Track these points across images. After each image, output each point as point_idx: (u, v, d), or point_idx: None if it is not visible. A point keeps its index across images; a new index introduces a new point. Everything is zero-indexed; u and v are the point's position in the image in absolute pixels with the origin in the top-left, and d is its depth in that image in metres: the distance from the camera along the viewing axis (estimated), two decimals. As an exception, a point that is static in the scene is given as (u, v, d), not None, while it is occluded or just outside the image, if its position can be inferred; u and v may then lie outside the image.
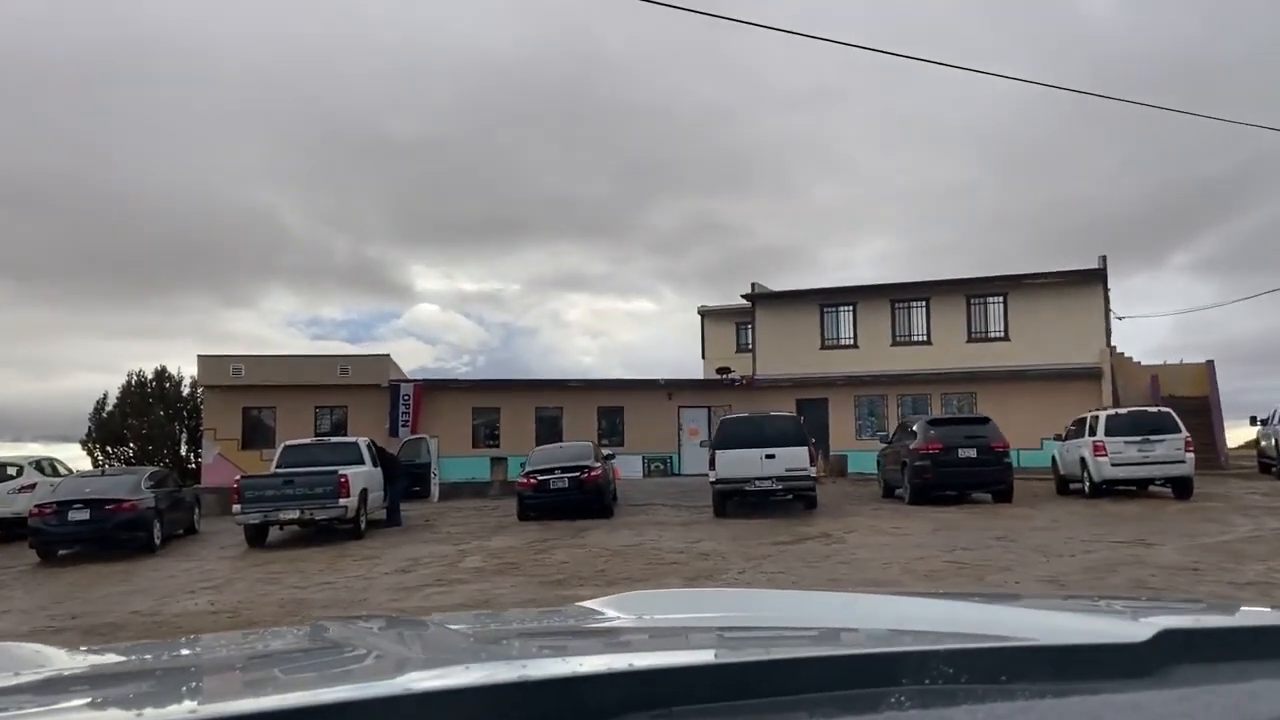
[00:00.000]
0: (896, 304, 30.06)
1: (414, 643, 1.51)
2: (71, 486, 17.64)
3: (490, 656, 1.31)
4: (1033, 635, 1.28)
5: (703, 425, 31.49)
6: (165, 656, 1.71)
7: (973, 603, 1.89)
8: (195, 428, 38.09)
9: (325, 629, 1.73)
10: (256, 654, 1.70)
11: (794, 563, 12.34)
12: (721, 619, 1.84)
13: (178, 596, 12.49)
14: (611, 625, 1.78)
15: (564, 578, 12.33)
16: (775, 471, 17.69)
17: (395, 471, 20.15)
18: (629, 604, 1.92)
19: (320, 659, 1.52)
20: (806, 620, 1.75)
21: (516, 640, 1.71)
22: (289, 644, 1.82)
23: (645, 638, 1.74)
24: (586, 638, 1.75)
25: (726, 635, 1.69)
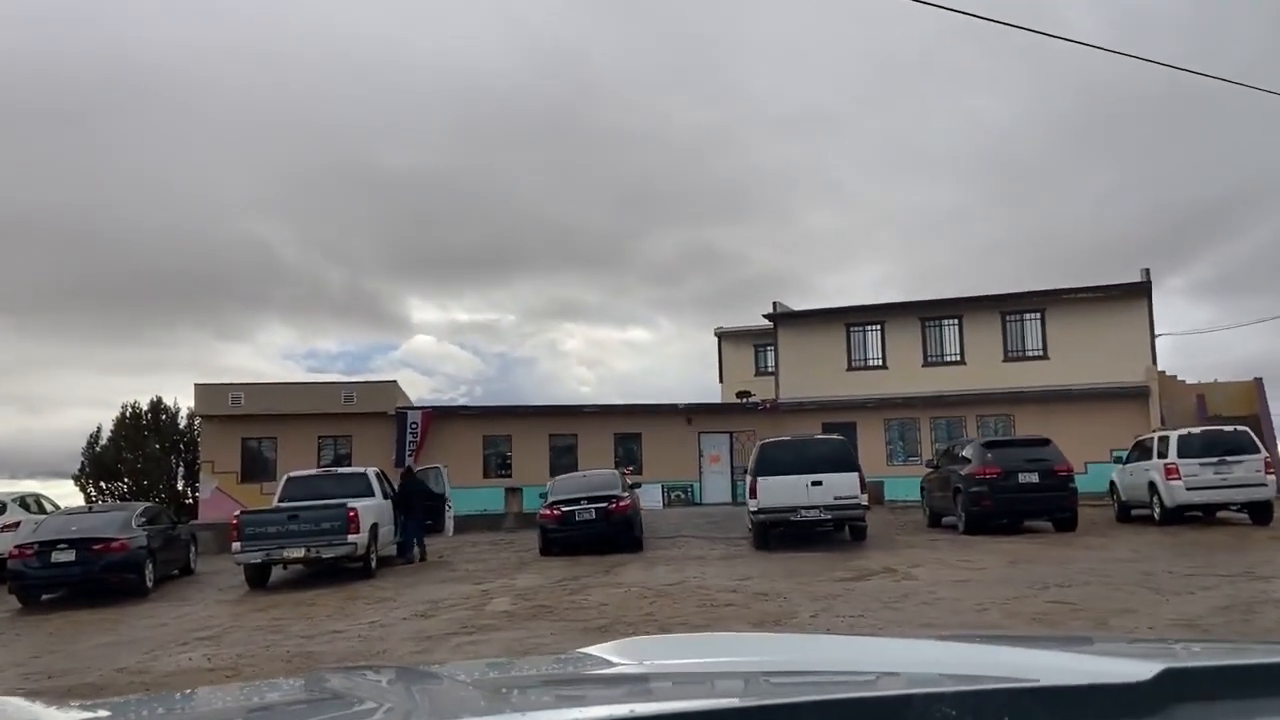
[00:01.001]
0: (927, 322, 28.71)
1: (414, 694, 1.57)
2: (56, 525, 16.14)
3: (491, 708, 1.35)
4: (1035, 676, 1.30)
5: (724, 452, 30.10)
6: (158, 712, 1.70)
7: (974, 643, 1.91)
8: (192, 461, 36.65)
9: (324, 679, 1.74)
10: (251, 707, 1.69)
11: (870, 604, 10.88)
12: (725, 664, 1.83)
13: (170, 649, 11.02)
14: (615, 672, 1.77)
15: (607, 623, 10.87)
16: (823, 500, 16.26)
17: (420, 502, 18.67)
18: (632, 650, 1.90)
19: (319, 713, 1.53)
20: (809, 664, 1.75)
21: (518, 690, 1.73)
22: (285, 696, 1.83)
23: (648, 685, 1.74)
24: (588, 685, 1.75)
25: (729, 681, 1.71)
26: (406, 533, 18.31)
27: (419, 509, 18.48)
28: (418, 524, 18.35)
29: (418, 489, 18.75)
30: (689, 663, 1.86)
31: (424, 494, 18.81)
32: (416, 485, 18.82)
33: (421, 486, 18.90)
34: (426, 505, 18.74)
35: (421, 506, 18.54)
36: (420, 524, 18.44)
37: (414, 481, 18.91)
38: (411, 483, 18.80)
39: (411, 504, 18.37)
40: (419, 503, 18.50)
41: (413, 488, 18.66)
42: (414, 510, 18.36)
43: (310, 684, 1.77)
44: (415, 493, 18.57)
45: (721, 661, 1.86)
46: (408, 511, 18.34)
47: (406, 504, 18.35)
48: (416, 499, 18.48)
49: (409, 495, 18.47)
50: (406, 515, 18.33)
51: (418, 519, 18.39)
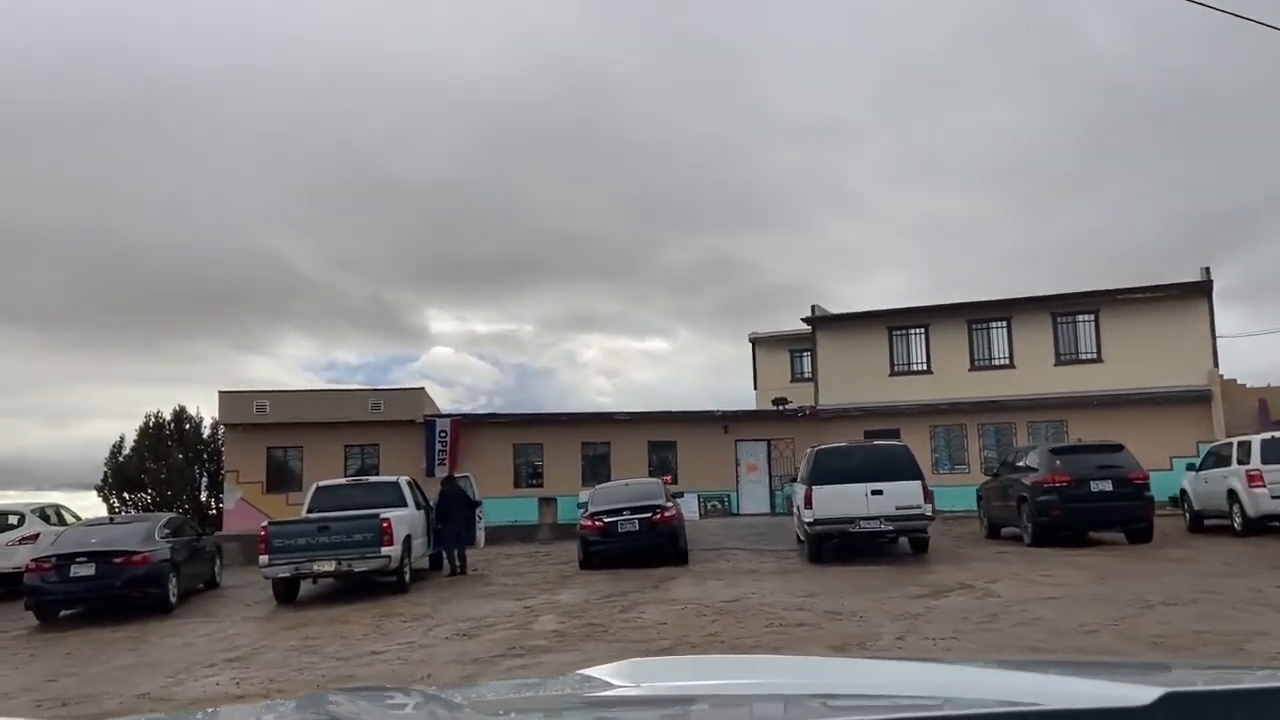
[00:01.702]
0: (974, 325, 27.64)
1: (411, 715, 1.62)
2: (75, 537, 15.36)
3: None
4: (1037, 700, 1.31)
5: (762, 460, 29.12)
6: None
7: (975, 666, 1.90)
8: (215, 471, 35.99)
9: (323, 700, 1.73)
10: None
11: (959, 624, 9.90)
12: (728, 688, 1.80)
13: (195, 671, 10.17)
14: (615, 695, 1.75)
15: (669, 644, 9.96)
16: (884, 510, 15.27)
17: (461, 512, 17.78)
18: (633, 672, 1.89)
19: None
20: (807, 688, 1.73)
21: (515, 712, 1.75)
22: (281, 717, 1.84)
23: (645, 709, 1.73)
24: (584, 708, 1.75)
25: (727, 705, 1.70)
26: (445, 544, 17.44)
27: (460, 519, 17.59)
28: (456, 535, 17.46)
29: (459, 497, 17.85)
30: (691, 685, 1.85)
31: (465, 503, 17.92)
32: (457, 493, 17.91)
33: (463, 495, 17.99)
34: (466, 515, 17.83)
35: (462, 516, 17.65)
36: (459, 535, 17.55)
37: (454, 489, 18.01)
38: (452, 490, 17.90)
39: (452, 513, 17.49)
40: (460, 512, 17.61)
41: (453, 496, 17.76)
42: (454, 520, 17.48)
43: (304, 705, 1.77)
44: (456, 501, 17.68)
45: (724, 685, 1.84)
46: (447, 521, 17.46)
47: (447, 513, 17.47)
48: (457, 508, 17.59)
49: (450, 504, 17.58)
50: (445, 525, 17.45)
51: (456, 529, 17.50)
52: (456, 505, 17.56)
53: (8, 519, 18.28)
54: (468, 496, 18.14)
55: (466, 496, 18.08)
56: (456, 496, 17.74)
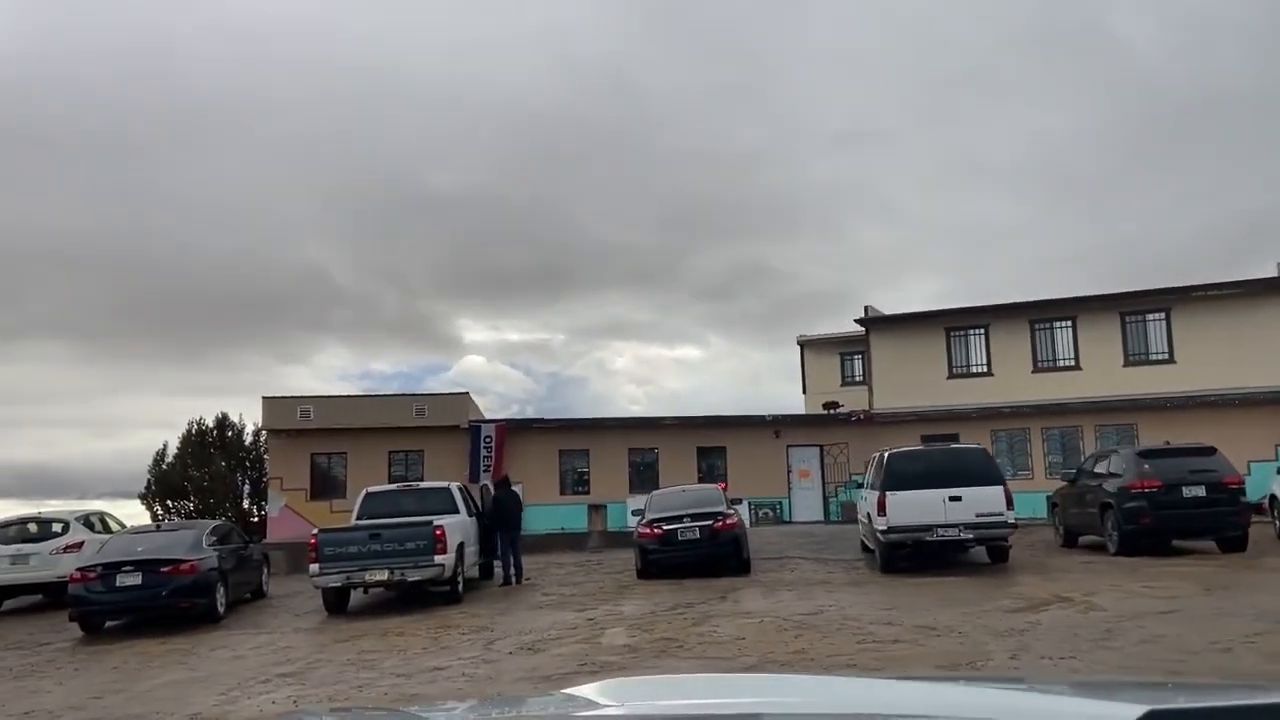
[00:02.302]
0: (1037, 325, 26.60)
1: None
2: (121, 545, 14.88)
3: None
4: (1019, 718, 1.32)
5: (814, 466, 28.24)
6: None
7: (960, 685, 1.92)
8: (258, 479, 35.73)
9: None
10: None
11: (1075, 642, 9.07)
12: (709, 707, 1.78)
13: (250, 688, 9.58)
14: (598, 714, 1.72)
15: (753, 660, 9.23)
16: (963, 517, 14.42)
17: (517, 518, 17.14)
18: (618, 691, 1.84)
19: None
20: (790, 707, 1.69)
21: None
22: None
23: None
24: None
25: None
26: (501, 552, 16.81)
27: (516, 525, 16.95)
28: (513, 542, 16.81)
29: (514, 502, 17.21)
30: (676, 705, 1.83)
31: (520, 507, 17.27)
32: (512, 498, 17.26)
33: (517, 499, 17.32)
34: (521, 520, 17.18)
35: (518, 521, 17.00)
36: (516, 542, 16.90)
37: (509, 493, 17.36)
38: (506, 495, 17.26)
39: (508, 519, 16.86)
40: (516, 518, 16.96)
41: (508, 501, 17.12)
42: (510, 526, 16.84)
43: None
44: (510, 506, 17.04)
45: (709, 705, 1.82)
46: (502, 528, 16.83)
47: (503, 519, 16.84)
48: (512, 513, 16.95)
49: (505, 509, 16.95)
50: (500, 531, 16.82)
51: (514, 536, 16.85)
52: (511, 510, 16.91)
53: (51, 527, 17.89)
54: (521, 501, 17.46)
55: (520, 502, 17.41)
56: (511, 501, 17.09)
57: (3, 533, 17.52)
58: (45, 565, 16.83)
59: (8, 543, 17.24)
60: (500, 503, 16.99)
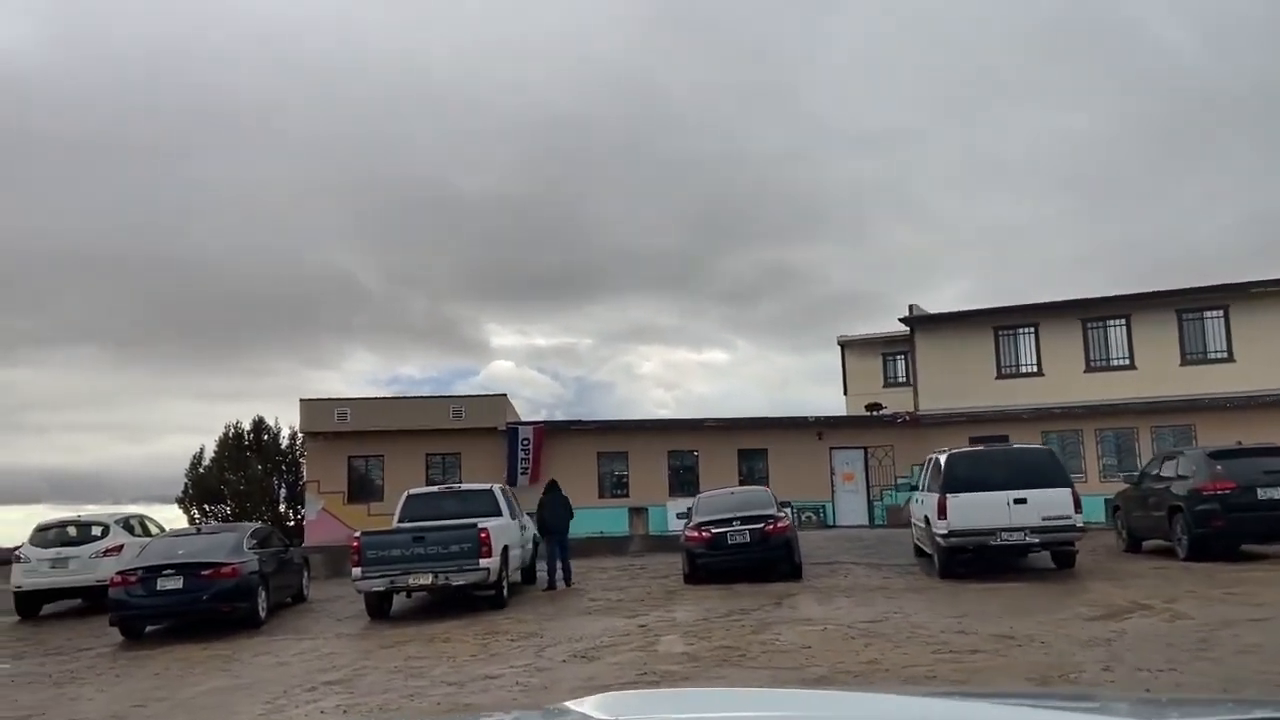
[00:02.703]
0: (1089, 324, 25.85)
1: None
2: (162, 548, 14.62)
3: None
4: None
5: (859, 469, 27.63)
6: None
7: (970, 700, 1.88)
8: (294, 482, 35.63)
9: None
10: None
11: (1166, 651, 8.50)
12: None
13: (296, 696, 9.22)
14: None
15: (823, 671, 8.72)
16: (1028, 521, 13.82)
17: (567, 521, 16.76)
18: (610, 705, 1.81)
19: None
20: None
21: None
22: None
23: None
24: None
25: None
26: (547, 555, 16.43)
27: (563, 528, 16.56)
28: (561, 546, 16.42)
29: (562, 506, 16.83)
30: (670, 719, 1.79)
31: (569, 511, 16.88)
32: (560, 501, 16.88)
33: (565, 502, 16.94)
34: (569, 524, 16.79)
35: (566, 525, 16.61)
36: (565, 545, 16.50)
37: (558, 496, 16.98)
38: (556, 498, 16.88)
39: (559, 522, 16.49)
40: (564, 522, 16.58)
41: (555, 504, 16.75)
42: (560, 530, 16.46)
43: None
44: (559, 509, 16.67)
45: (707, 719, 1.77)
46: (549, 530, 16.46)
47: (555, 522, 16.46)
48: (561, 517, 16.57)
49: (556, 512, 16.59)
50: (548, 535, 16.45)
51: (563, 540, 16.45)
52: (558, 514, 16.53)
53: (91, 530, 17.71)
54: (568, 502, 17.06)
55: (569, 504, 17.00)
56: (558, 504, 16.70)
57: (42, 536, 17.35)
58: (85, 569, 16.62)
59: (47, 546, 17.07)
60: (547, 506, 16.60)
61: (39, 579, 16.69)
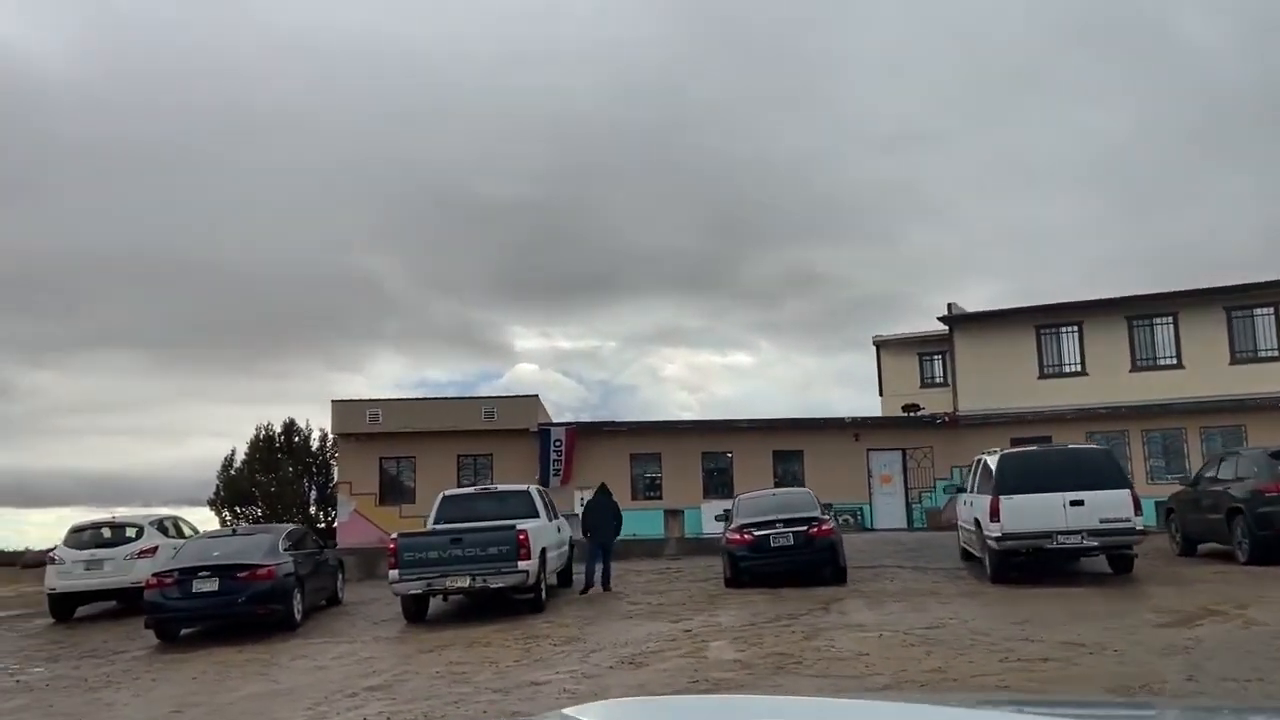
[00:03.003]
0: (1135, 322, 25.23)
1: None
2: (197, 550, 14.43)
3: None
4: None
5: (896, 471, 27.12)
6: None
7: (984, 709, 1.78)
8: (325, 484, 35.54)
9: None
10: None
11: (1250, 659, 8.06)
12: None
13: (336, 702, 8.94)
14: None
15: (886, 680, 8.34)
16: (1086, 523, 13.33)
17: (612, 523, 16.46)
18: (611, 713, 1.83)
19: None
20: None
21: None
22: None
23: None
24: None
25: None
26: (590, 557, 16.15)
27: (611, 532, 16.26)
28: (604, 549, 16.11)
29: (612, 509, 16.55)
30: None
31: (614, 514, 16.57)
32: (604, 505, 16.59)
33: (611, 507, 16.66)
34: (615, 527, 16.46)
35: (610, 528, 16.30)
36: (607, 549, 16.18)
37: (603, 498, 16.69)
38: (604, 501, 16.59)
39: (606, 525, 16.18)
40: (606, 525, 16.27)
41: (605, 507, 16.47)
42: (605, 532, 16.16)
43: None
44: (604, 512, 16.39)
45: None
46: (593, 533, 16.17)
47: (601, 525, 16.17)
48: (605, 520, 16.27)
49: (603, 515, 16.32)
50: (595, 537, 16.16)
51: (606, 544, 16.14)
52: (605, 516, 16.22)
53: (125, 531, 17.57)
54: (617, 508, 16.75)
55: (615, 508, 16.70)
56: (606, 508, 16.41)
57: (76, 538, 17.23)
58: (120, 571, 16.48)
59: (81, 548, 16.94)
60: (594, 508, 16.36)
61: (73, 581, 16.56)
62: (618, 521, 16.39)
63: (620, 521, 16.50)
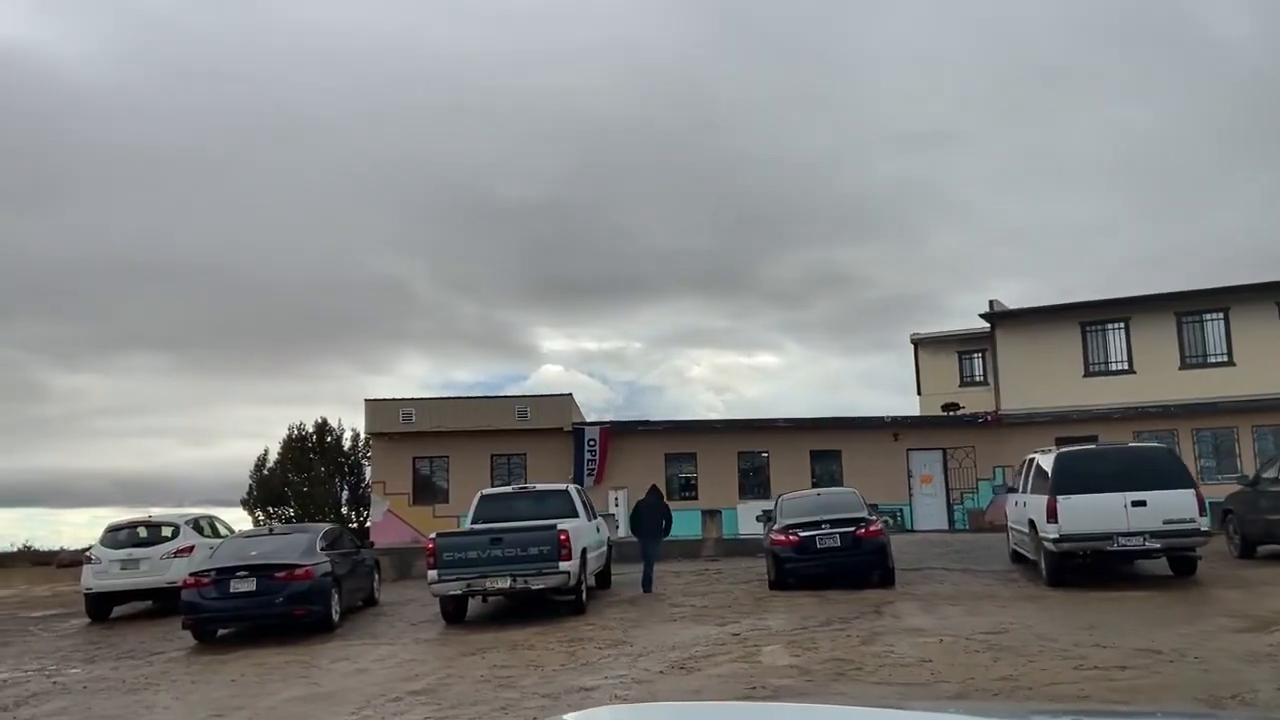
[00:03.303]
0: (1184, 318, 24.56)
1: None
2: (234, 549, 14.23)
3: None
4: None
5: (937, 471, 26.58)
6: None
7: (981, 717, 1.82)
8: (356, 484, 35.47)
9: None
10: None
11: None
12: None
13: (381, 707, 8.65)
14: None
15: (956, 688, 7.94)
16: (1148, 524, 12.83)
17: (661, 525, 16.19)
18: None
19: None
20: None
21: None
22: None
23: None
24: None
25: None
26: (648, 559, 15.90)
27: (657, 534, 15.98)
28: (649, 551, 15.81)
29: (661, 512, 16.29)
30: None
31: (662, 516, 16.32)
32: (661, 508, 16.34)
33: (667, 511, 16.43)
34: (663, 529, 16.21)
35: (658, 530, 16.03)
36: (652, 552, 15.88)
37: (658, 503, 16.44)
38: (654, 503, 16.32)
39: (657, 526, 15.93)
40: (658, 527, 16.00)
41: (655, 509, 16.20)
42: (657, 533, 15.89)
43: None
44: (651, 514, 16.13)
45: None
46: (649, 536, 15.93)
47: (653, 527, 15.92)
48: (657, 523, 16.02)
49: (652, 517, 16.05)
50: (647, 540, 15.90)
51: (650, 546, 15.85)
52: (654, 518, 15.96)
53: (161, 531, 17.43)
54: (668, 509, 16.51)
55: (666, 509, 16.45)
56: (656, 510, 16.16)
57: (112, 537, 17.12)
58: (156, 570, 16.33)
59: (117, 547, 16.82)
60: (644, 510, 16.15)
61: (109, 580, 16.43)
62: (668, 523, 16.10)
63: (670, 523, 16.22)
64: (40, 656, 13.19)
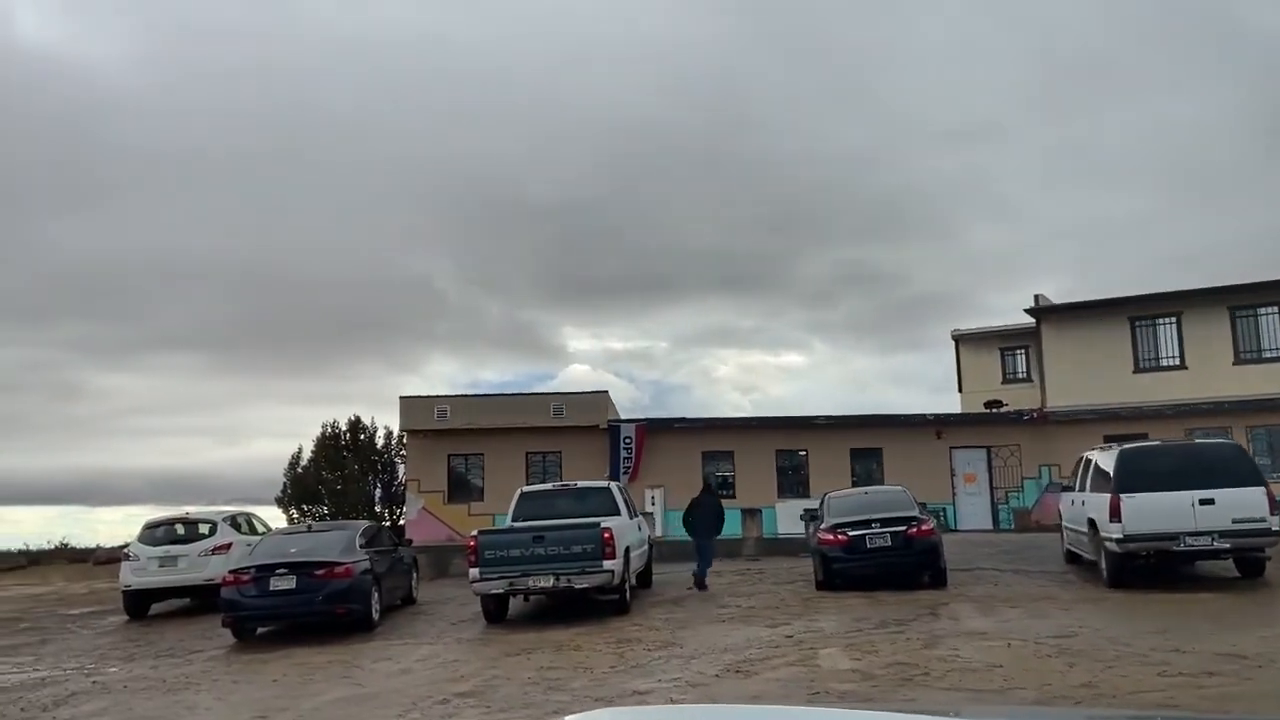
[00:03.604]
0: (1238, 312, 23.84)
1: None
2: (273, 546, 14.02)
3: None
4: None
5: (981, 470, 26.01)
6: None
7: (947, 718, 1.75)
8: (390, 482, 35.36)
9: None
10: None
11: None
12: None
13: (428, 709, 8.37)
14: None
15: (1033, 694, 7.55)
16: (1217, 523, 12.31)
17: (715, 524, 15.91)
18: None
19: None
20: None
21: None
22: None
23: None
24: None
25: None
26: (704, 558, 15.61)
27: (709, 532, 15.68)
28: (701, 549, 15.51)
29: (713, 510, 16.01)
30: None
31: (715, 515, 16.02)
32: (712, 506, 16.06)
33: (719, 509, 16.14)
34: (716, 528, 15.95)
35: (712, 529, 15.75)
36: (702, 549, 15.57)
37: (706, 498, 16.16)
38: (706, 501, 16.05)
39: (711, 525, 15.64)
40: (710, 525, 15.71)
41: (707, 507, 15.92)
42: (710, 532, 15.60)
43: None
44: (704, 513, 15.84)
45: None
46: (703, 534, 15.63)
47: (706, 525, 15.62)
48: (709, 520, 15.73)
49: (703, 515, 15.75)
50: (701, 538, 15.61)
51: (701, 544, 15.54)
52: (706, 516, 15.67)
53: (199, 528, 17.31)
54: (720, 507, 16.21)
55: (719, 507, 16.16)
56: (708, 508, 15.88)
57: (150, 534, 17.00)
58: (193, 567, 16.19)
59: (155, 544, 16.70)
60: (697, 508, 15.88)
61: (148, 578, 16.31)
62: (720, 521, 15.80)
63: (722, 521, 15.93)
64: (79, 654, 13.05)
